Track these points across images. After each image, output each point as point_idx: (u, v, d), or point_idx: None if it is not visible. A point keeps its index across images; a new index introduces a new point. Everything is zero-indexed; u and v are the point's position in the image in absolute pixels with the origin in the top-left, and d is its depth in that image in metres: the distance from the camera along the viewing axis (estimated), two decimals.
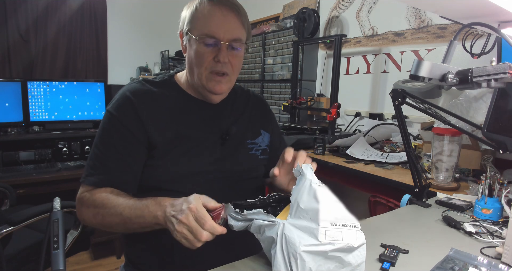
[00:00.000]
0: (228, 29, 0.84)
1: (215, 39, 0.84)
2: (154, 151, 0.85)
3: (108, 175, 0.83)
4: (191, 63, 0.88)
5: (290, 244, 0.54)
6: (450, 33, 1.85)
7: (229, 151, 0.93)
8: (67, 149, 2.58)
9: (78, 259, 2.39)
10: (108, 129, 0.85)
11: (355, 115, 2.37)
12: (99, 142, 0.85)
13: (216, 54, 0.85)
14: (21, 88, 2.52)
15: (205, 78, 0.87)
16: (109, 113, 0.86)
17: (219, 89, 0.89)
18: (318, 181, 0.63)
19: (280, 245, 0.56)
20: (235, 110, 1.00)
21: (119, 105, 0.86)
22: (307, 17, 2.46)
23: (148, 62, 3.72)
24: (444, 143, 1.19)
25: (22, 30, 3.04)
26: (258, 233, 0.64)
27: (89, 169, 0.84)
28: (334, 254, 0.54)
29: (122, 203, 0.76)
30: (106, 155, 0.83)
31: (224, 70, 0.87)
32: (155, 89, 0.90)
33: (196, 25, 0.85)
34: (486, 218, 0.90)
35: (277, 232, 0.57)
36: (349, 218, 0.58)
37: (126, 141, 0.84)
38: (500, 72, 0.64)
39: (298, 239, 0.54)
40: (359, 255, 0.56)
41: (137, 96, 0.87)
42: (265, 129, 1.04)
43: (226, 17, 0.84)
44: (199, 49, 0.85)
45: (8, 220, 1.35)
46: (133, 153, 0.84)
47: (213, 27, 0.83)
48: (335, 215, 0.57)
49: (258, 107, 1.06)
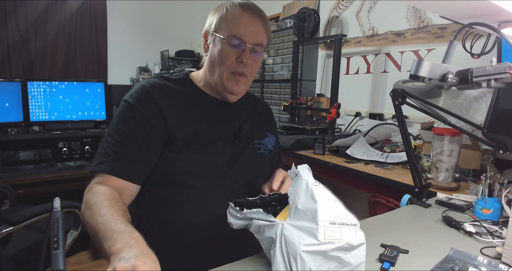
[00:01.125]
0: (254, 33, 0.89)
1: (241, 41, 0.88)
2: (174, 144, 0.86)
3: (121, 163, 0.81)
4: (213, 62, 0.91)
5: (290, 244, 0.54)
6: (450, 33, 1.85)
7: (240, 149, 0.96)
8: (67, 149, 2.58)
9: (78, 259, 2.39)
10: (125, 118, 0.85)
11: (355, 115, 2.37)
12: (114, 131, 0.84)
13: (239, 55, 0.89)
14: (21, 88, 2.52)
15: (226, 77, 0.90)
16: (128, 104, 0.86)
17: (236, 89, 0.92)
18: (315, 181, 0.63)
19: (279, 245, 0.56)
20: (245, 111, 1.03)
21: (138, 96, 0.87)
22: (307, 17, 2.46)
23: (148, 62, 3.72)
24: (444, 143, 1.19)
25: (22, 30, 3.04)
26: (257, 233, 0.64)
27: (100, 157, 0.82)
28: (334, 253, 0.54)
29: (104, 214, 0.67)
30: (121, 144, 0.83)
31: (245, 71, 0.91)
32: (173, 85, 0.93)
33: (224, 26, 0.89)
34: (486, 218, 0.90)
35: (276, 233, 0.57)
36: (348, 217, 0.58)
37: (144, 132, 0.84)
38: (500, 72, 0.64)
39: (298, 239, 0.54)
40: (359, 254, 0.56)
41: (157, 89, 0.89)
42: (270, 132, 1.09)
43: (253, 22, 0.89)
44: (224, 49, 0.88)
45: (8, 220, 1.34)
46: (150, 145, 0.84)
47: (240, 29, 0.87)
48: (333, 214, 0.57)
49: (265, 112, 1.11)
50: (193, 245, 0.87)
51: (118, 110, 0.87)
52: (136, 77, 3.58)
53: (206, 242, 0.87)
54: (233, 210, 0.67)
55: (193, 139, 0.88)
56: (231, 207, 0.67)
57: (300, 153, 1.88)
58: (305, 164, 0.68)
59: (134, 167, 0.83)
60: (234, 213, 0.67)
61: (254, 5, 0.91)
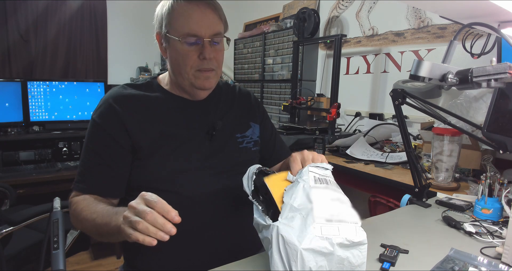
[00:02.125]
0: (208, 25, 0.84)
1: (197, 37, 0.84)
2: (140, 153, 0.85)
3: (94, 182, 0.84)
4: (174, 64, 0.88)
5: (289, 244, 0.54)
6: (450, 33, 1.85)
7: (218, 146, 0.93)
8: (67, 149, 2.58)
9: (78, 259, 2.39)
10: (93, 136, 0.87)
11: (355, 115, 2.37)
12: (85, 149, 0.87)
13: (200, 52, 0.85)
14: (21, 88, 2.52)
15: (193, 76, 0.87)
16: (93, 121, 0.87)
17: (208, 85, 0.90)
18: (315, 181, 0.62)
19: (276, 246, 0.55)
20: (221, 106, 1.00)
21: (101, 112, 0.87)
22: (307, 17, 2.46)
23: (148, 62, 3.72)
24: (444, 143, 1.19)
25: (22, 30, 3.04)
26: (258, 231, 0.64)
27: (78, 176, 0.86)
28: (333, 251, 0.54)
29: (97, 210, 0.76)
30: (91, 162, 0.86)
31: (210, 66, 0.87)
32: (137, 92, 0.91)
33: (175, 25, 0.84)
34: (486, 218, 0.90)
35: (271, 234, 0.57)
36: (347, 215, 0.58)
37: (110, 147, 0.85)
38: (500, 72, 0.64)
39: (296, 238, 0.54)
40: (360, 255, 0.56)
41: (119, 101, 0.87)
42: (254, 122, 1.04)
43: (204, 14, 0.84)
44: (182, 49, 0.85)
45: (8, 220, 1.35)
46: (117, 159, 0.85)
47: (193, 25, 0.83)
48: (330, 212, 0.57)
49: (244, 101, 1.06)
50: (186, 248, 0.86)
51: (87, 128, 0.88)
52: (136, 77, 3.59)
53: (206, 242, 0.87)
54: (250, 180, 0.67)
55: (159, 144, 0.86)
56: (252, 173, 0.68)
57: None
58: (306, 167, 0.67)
59: (107, 183, 0.85)
60: (248, 182, 0.67)
61: None
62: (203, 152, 0.91)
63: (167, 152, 0.86)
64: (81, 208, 0.80)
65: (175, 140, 0.88)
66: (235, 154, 0.96)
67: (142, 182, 0.86)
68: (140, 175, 0.86)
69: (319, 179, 0.64)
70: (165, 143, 0.87)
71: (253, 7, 3.37)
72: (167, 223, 0.59)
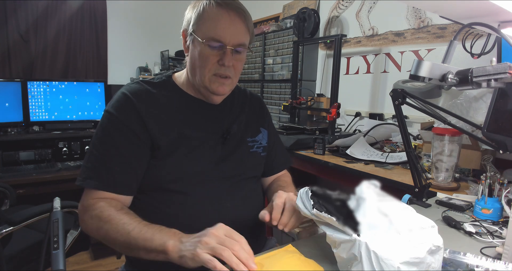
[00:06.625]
0: (234, 34, 0.84)
1: (221, 43, 0.84)
2: (158, 152, 0.84)
3: (111, 177, 0.81)
4: (194, 64, 0.88)
5: (384, 261, 0.51)
6: (450, 33, 1.85)
7: (230, 150, 0.94)
8: (67, 149, 2.58)
9: (78, 259, 2.39)
10: (109, 130, 0.83)
11: (355, 115, 2.37)
12: (98, 143, 0.83)
13: (220, 58, 0.85)
14: (21, 88, 2.52)
15: (208, 80, 0.87)
16: (109, 114, 0.84)
17: (222, 91, 0.89)
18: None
19: (368, 263, 0.52)
20: (234, 110, 1.00)
21: (120, 105, 0.85)
22: (307, 17, 2.46)
23: (148, 62, 3.72)
24: (444, 143, 1.19)
25: (22, 30, 3.04)
26: (333, 246, 0.61)
27: (87, 171, 0.82)
28: (423, 258, 0.52)
29: (131, 222, 0.73)
30: (108, 157, 0.82)
31: (228, 73, 0.87)
32: (154, 90, 0.90)
33: (203, 27, 0.84)
34: (486, 218, 0.90)
35: (360, 251, 0.53)
36: (422, 220, 0.57)
37: (129, 141, 0.82)
38: (500, 72, 0.64)
39: (391, 253, 0.51)
40: (439, 259, 0.55)
41: (137, 96, 0.86)
42: (263, 127, 1.05)
43: (233, 22, 0.84)
44: (203, 51, 0.84)
45: (8, 220, 1.34)
46: (137, 154, 0.83)
47: (219, 31, 0.83)
48: (406, 220, 0.56)
49: (255, 105, 1.07)
50: None
51: (101, 122, 0.85)
52: (136, 77, 3.59)
53: None
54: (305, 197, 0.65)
55: (177, 145, 0.85)
56: (305, 193, 0.65)
57: (300, 153, 1.88)
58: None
59: (123, 179, 0.82)
60: (304, 202, 0.65)
61: (232, 1, 0.85)
62: (216, 155, 0.91)
63: (183, 153, 0.85)
64: (108, 215, 0.75)
65: (191, 142, 0.87)
66: (245, 158, 0.96)
67: (153, 181, 0.85)
68: (152, 175, 0.84)
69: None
70: (182, 144, 0.86)
71: (253, 7, 3.37)
72: (250, 258, 0.59)
